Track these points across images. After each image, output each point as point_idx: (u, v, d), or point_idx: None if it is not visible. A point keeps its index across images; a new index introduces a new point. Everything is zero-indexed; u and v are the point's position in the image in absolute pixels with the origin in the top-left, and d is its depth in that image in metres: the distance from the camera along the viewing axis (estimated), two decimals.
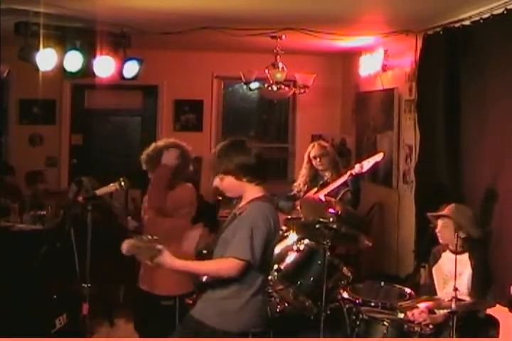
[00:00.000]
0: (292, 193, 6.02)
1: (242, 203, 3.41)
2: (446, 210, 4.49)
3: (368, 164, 5.59)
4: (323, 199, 5.10)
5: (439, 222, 4.48)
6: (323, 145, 6.00)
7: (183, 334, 3.36)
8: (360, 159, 7.92)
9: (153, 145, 4.39)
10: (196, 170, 8.71)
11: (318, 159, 5.89)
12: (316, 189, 5.82)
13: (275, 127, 9.49)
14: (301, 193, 5.95)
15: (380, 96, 7.35)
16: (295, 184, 6.09)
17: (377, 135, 7.38)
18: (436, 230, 4.49)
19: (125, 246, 3.16)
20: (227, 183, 3.38)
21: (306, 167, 6.00)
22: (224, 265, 3.19)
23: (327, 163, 5.88)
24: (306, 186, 5.96)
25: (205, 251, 3.42)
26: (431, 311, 4.23)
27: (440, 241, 4.52)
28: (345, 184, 5.64)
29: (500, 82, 4.80)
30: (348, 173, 5.59)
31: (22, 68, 6.15)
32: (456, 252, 4.14)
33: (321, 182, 5.86)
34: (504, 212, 4.73)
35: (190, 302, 3.38)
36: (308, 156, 5.97)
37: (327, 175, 5.87)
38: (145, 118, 9.05)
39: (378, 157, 5.61)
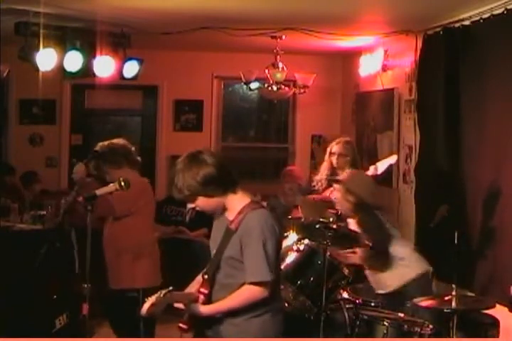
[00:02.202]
0: (312, 188, 5.87)
1: (232, 214, 3.20)
2: (342, 175, 4.62)
3: (382, 166, 5.49)
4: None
5: (335, 186, 4.59)
6: (347, 146, 5.79)
7: None
8: (360, 159, 7.92)
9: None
10: None
11: (336, 157, 5.73)
12: (332, 188, 5.68)
13: (275, 127, 9.48)
14: (321, 189, 5.79)
15: (380, 96, 7.34)
16: (316, 177, 5.88)
17: (378, 135, 7.37)
18: (333, 196, 4.63)
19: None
20: (201, 203, 3.19)
21: (327, 160, 5.82)
22: (253, 292, 3.12)
23: (344, 163, 5.72)
24: (327, 182, 5.79)
25: (206, 276, 3.23)
26: (355, 252, 4.37)
27: (336, 206, 4.63)
28: None
29: (500, 82, 4.80)
30: None
31: (22, 68, 6.16)
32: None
33: None
34: (504, 212, 4.73)
35: (185, 327, 3.19)
36: (330, 151, 5.81)
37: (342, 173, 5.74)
38: (145, 118, 9.05)
39: (392, 159, 5.51)
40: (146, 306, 3.02)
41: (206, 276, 3.23)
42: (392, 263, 4.46)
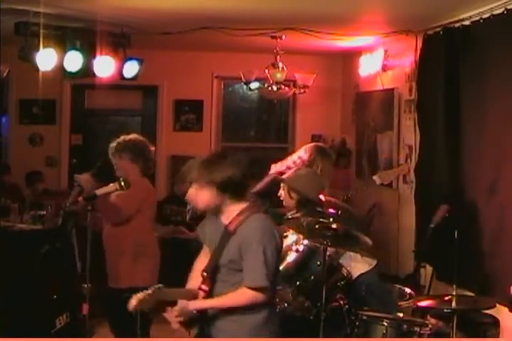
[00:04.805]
0: None
1: (228, 217, 3.24)
2: (287, 174, 4.68)
3: (389, 177, 5.38)
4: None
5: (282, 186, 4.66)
6: (317, 156, 5.36)
7: None
8: (359, 159, 7.94)
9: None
10: None
11: (319, 169, 5.33)
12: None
13: (275, 127, 9.49)
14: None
15: (380, 96, 7.34)
16: None
17: (378, 135, 7.38)
18: (278, 194, 4.66)
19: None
20: (206, 195, 3.20)
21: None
22: (250, 297, 3.16)
23: (326, 169, 5.67)
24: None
25: (205, 274, 3.28)
26: None
27: (284, 204, 4.68)
28: None
29: (500, 81, 4.80)
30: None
31: (22, 68, 6.16)
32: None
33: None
34: (504, 212, 4.73)
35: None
36: (309, 160, 5.37)
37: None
38: (145, 118, 9.06)
39: (402, 172, 5.38)
40: (132, 302, 3.06)
41: (206, 274, 3.26)
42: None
